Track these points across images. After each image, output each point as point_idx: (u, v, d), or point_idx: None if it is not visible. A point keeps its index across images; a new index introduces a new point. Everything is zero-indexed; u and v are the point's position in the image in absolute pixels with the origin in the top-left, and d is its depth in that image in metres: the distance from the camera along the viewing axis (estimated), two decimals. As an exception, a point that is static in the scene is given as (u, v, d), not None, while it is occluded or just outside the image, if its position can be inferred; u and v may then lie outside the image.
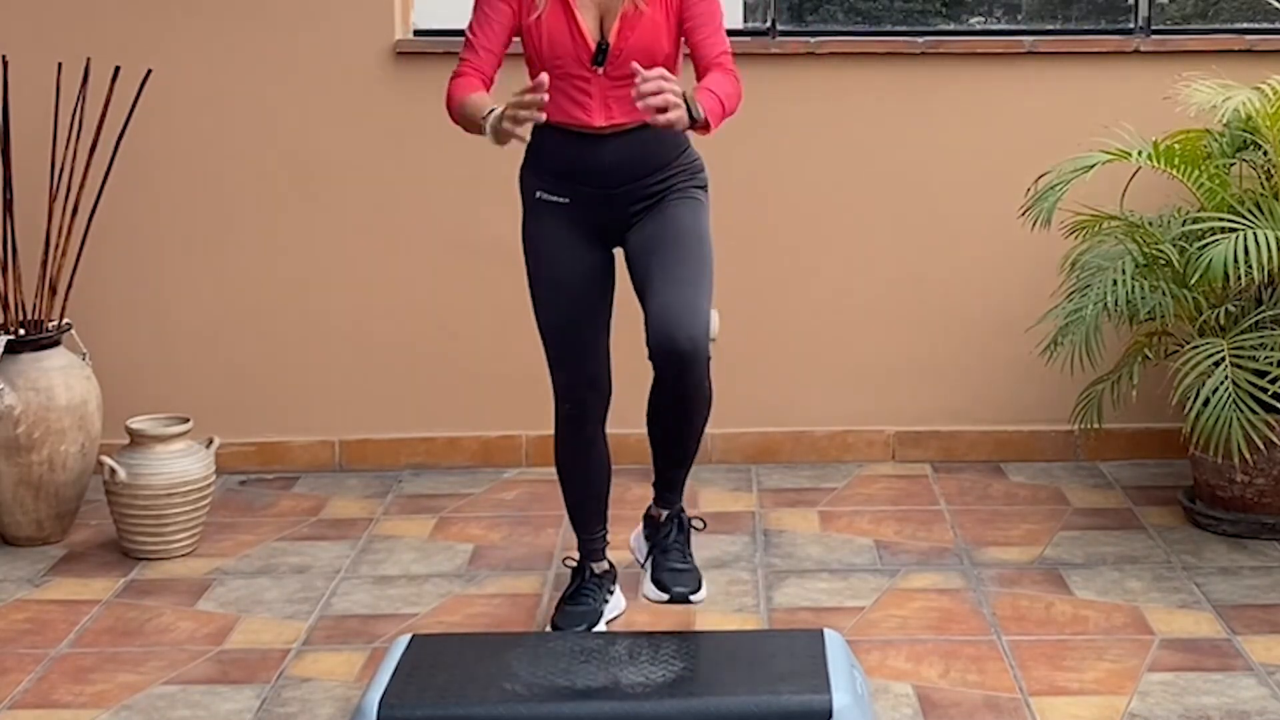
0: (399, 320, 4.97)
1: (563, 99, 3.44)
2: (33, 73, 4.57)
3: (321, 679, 3.56)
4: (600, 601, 3.74)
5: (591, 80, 3.44)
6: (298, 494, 4.84)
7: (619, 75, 3.41)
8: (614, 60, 3.42)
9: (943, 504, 4.65)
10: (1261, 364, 4.14)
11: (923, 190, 4.94)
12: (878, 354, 5.01)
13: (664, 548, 3.74)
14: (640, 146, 3.50)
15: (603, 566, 3.81)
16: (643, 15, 3.42)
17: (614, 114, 3.46)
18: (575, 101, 3.45)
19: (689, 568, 3.72)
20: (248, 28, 4.85)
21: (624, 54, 3.41)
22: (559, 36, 3.42)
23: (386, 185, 4.91)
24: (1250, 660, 3.58)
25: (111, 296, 4.91)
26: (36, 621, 3.90)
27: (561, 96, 3.43)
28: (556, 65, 3.42)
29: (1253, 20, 5.21)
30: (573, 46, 3.42)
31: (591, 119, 3.46)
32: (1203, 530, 4.38)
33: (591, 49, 3.43)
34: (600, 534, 3.81)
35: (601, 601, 3.75)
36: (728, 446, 5.04)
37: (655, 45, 3.44)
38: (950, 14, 5.41)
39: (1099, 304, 4.26)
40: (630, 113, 3.42)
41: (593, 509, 3.78)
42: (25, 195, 4.53)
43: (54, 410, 4.34)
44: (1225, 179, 4.35)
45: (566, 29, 3.42)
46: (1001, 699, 3.40)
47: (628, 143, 3.49)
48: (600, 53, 3.43)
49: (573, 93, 3.45)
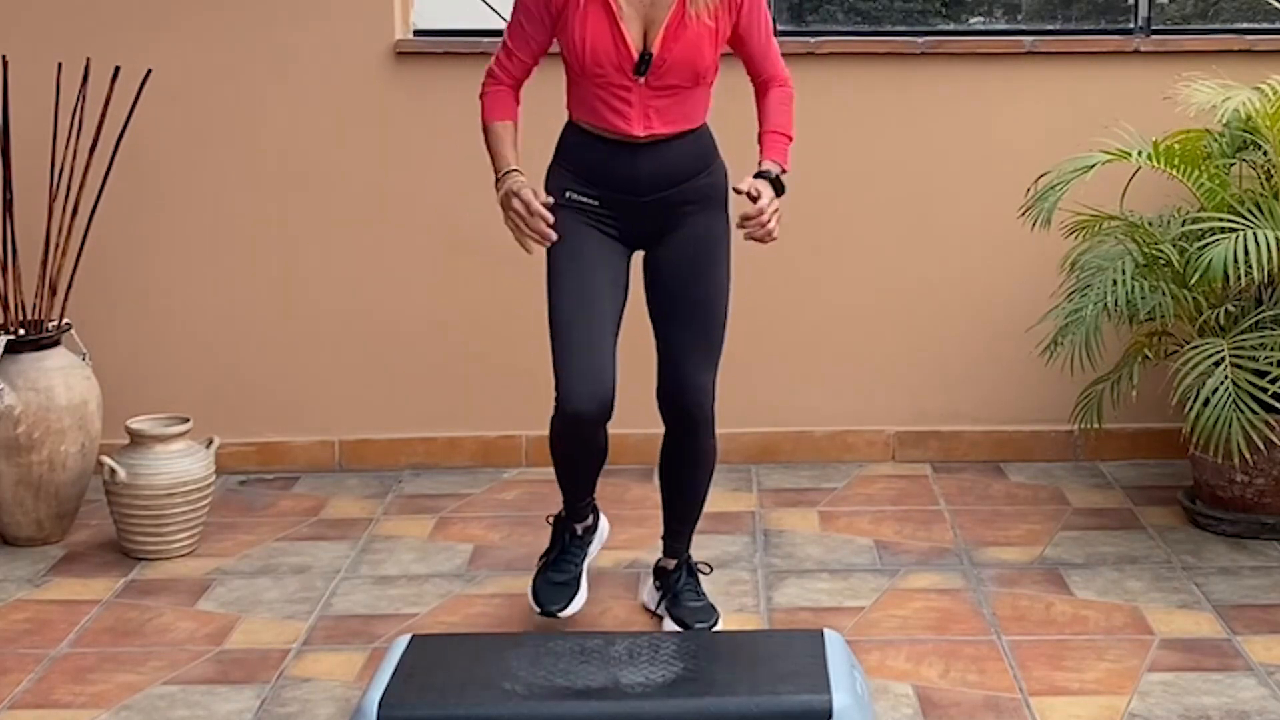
0: (399, 320, 4.97)
1: (602, 107, 3.45)
2: (33, 73, 4.57)
3: (321, 679, 3.56)
4: (579, 564, 3.76)
5: (633, 89, 3.44)
6: (298, 494, 4.84)
7: (660, 85, 3.44)
8: (656, 70, 3.43)
9: (943, 504, 4.65)
10: (1261, 364, 4.14)
11: (923, 190, 4.94)
12: (878, 354, 5.01)
13: (676, 591, 3.77)
14: (675, 156, 3.52)
15: (586, 525, 3.82)
16: (688, 27, 3.42)
17: (653, 124, 3.47)
18: (615, 110, 3.46)
19: (704, 604, 3.75)
20: (248, 28, 4.85)
21: (667, 64, 3.42)
22: (602, 45, 3.41)
23: (386, 185, 4.91)
24: (1250, 660, 3.58)
25: (111, 296, 4.91)
26: (36, 621, 3.90)
27: (600, 105, 3.45)
28: (597, 74, 3.43)
29: (1253, 20, 5.21)
30: (615, 55, 3.42)
31: (631, 128, 3.46)
32: (1203, 530, 4.38)
33: (634, 58, 3.42)
34: (589, 500, 3.81)
35: (580, 563, 3.77)
36: (728, 446, 5.02)
37: (699, 56, 3.45)
38: (950, 14, 5.41)
39: (1099, 304, 4.26)
40: (669, 123, 3.48)
41: (584, 483, 3.77)
42: (25, 195, 4.53)
43: (54, 410, 4.34)
44: (1225, 179, 4.35)
45: (610, 37, 3.41)
46: (1001, 699, 3.40)
47: (663, 152, 3.50)
48: (643, 62, 3.42)
49: (613, 101, 3.46)
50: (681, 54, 3.43)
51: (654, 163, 3.50)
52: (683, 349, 3.58)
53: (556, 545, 3.79)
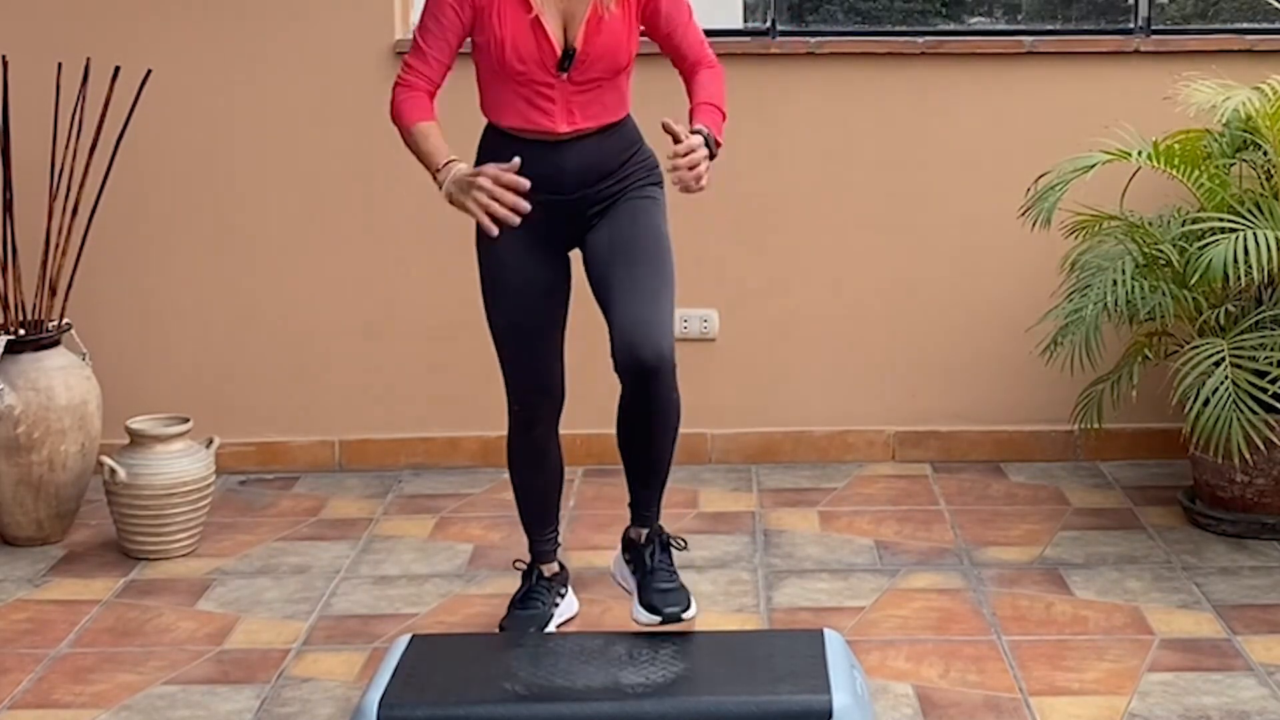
0: (399, 320, 4.97)
1: (524, 105, 3.41)
2: (33, 73, 4.56)
3: (321, 679, 3.56)
4: (550, 605, 3.70)
5: (555, 86, 3.41)
6: (298, 494, 4.84)
7: (583, 80, 3.41)
8: (580, 65, 3.40)
9: (943, 504, 4.65)
10: (1261, 364, 4.14)
11: (923, 190, 4.94)
12: (878, 354, 5.01)
13: (649, 569, 3.63)
14: (597, 149, 3.48)
15: (553, 569, 3.78)
16: (605, 20, 3.39)
17: (577, 119, 3.44)
18: (537, 108, 3.42)
19: (677, 586, 3.61)
20: (248, 28, 4.85)
21: (590, 59, 3.39)
22: (524, 43, 3.37)
23: (386, 185, 4.91)
24: (1250, 660, 3.58)
25: (111, 296, 4.91)
26: (36, 621, 3.90)
27: (523, 103, 3.41)
28: (519, 72, 3.39)
29: (1253, 20, 5.21)
30: (538, 52, 3.38)
31: (555, 125, 3.42)
32: (1203, 530, 4.38)
33: (557, 54, 3.39)
34: (551, 536, 3.77)
35: (551, 605, 3.71)
36: (728, 446, 5.04)
37: (620, 49, 3.43)
38: (950, 14, 5.41)
39: (1099, 304, 4.26)
40: (592, 117, 3.45)
41: (542, 511, 3.75)
42: (25, 195, 4.53)
43: (54, 410, 4.34)
44: (1225, 179, 4.35)
45: (531, 35, 3.37)
46: (1001, 699, 3.40)
47: (585, 147, 3.46)
48: (566, 58, 3.40)
49: (536, 100, 3.41)
50: (603, 47, 3.40)
51: (579, 158, 3.46)
52: (634, 290, 3.40)
53: (524, 585, 3.75)
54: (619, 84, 3.49)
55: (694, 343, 4.91)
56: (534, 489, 3.73)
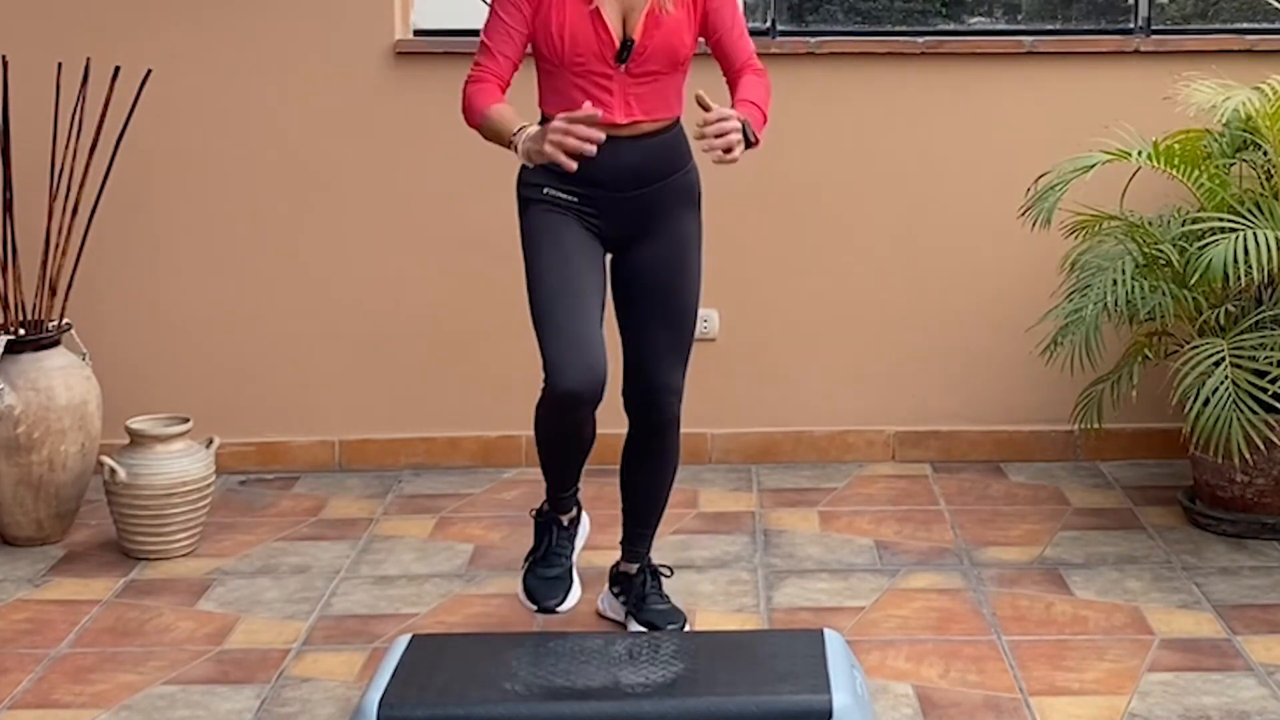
0: (399, 320, 4.97)
1: (581, 97, 3.41)
2: (33, 73, 4.57)
3: (321, 679, 3.56)
4: (568, 557, 3.72)
5: (614, 77, 3.44)
6: (298, 494, 4.84)
7: (641, 72, 3.43)
8: (637, 58, 3.42)
9: (943, 504, 4.65)
10: (1261, 364, 4.14)
11: (923, 190, 4.94)
12: (878, 354, 5.01)
13: (641, 595, 3.74)
14: (654, 152, 3.50)
15: (570, 516, 3.77)
16: (663, 16, 3.42)
17: (634, 111, 3.46)
18: (595, 100, 3.43)
19: (670, 606, 3.73)
20: (248, 28, 4.85)
21: (648, 51, 3.42)
22: (582, 33, 3.40)
23: (386, 185, 4.92)
24: (1250, 660, 3.58)
25: (111, 296, 4.91)
26: (36, 621, 3.90)
27: (580, 95, 3.42)
28: (577, 62, 3.42)
29: (1253, 20, 5.20)
30: (596, 43, 3.41)
31: (614, 116, 3.43)
32: (1203, 530, 4.38)
33: (616, 46, 3.42)
34: (574, 491, 3.74)
35: (569, 556, 3.72)
36: (728, 446, 5.04)
37: (679, 43, 3.45)
38: (950, 14, 5.40)
39: (1099, 304, 4.26)
40: (650, 110, 3.47)
41: (570, 471, 3.70)
42: (25, 195, 4.53)
43: (54, 410, 4.34)
44: (1225, 179, 4.35)
45: (590, 26, 3.40)
46: (1001, 699, 3.40)
47: (643, 145, 3.48)
48: (625, 49, 3.42)
49: (594, 91, 3.43)
50: (663, 41, 3.42)
51: (635, 155, 3.47)
52: (659, 351, 3.58)
53: (544, 541, 3.72)
54: (675, 78, 3.50)
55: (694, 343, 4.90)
56: (564, 454, 3.62)
